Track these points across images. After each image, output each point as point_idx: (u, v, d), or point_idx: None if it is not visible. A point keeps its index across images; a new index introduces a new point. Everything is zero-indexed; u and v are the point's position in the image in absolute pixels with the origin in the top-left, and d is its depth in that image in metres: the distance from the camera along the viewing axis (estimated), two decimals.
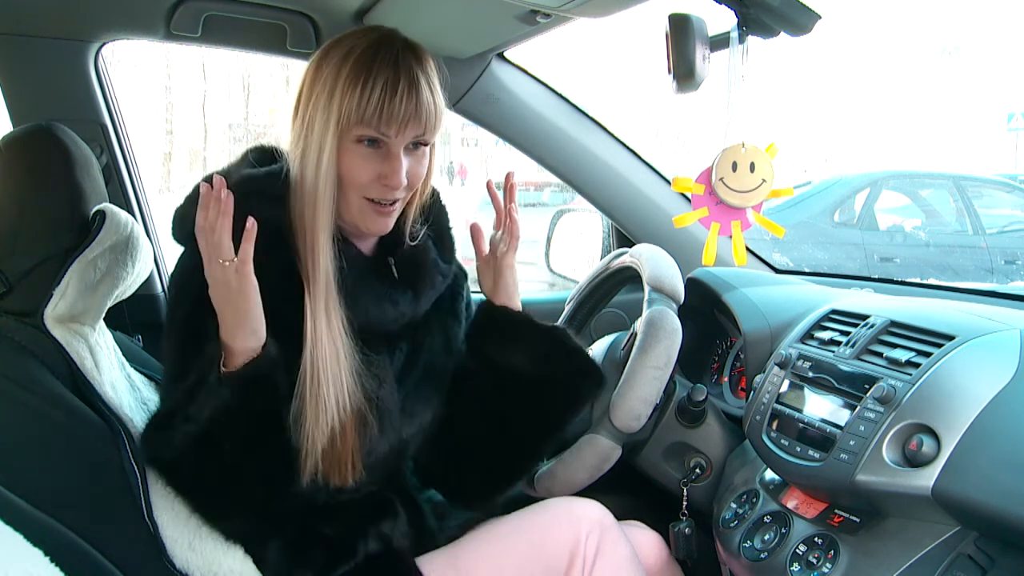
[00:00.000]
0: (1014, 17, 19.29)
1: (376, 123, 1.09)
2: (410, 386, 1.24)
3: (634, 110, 16.21)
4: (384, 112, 1.09)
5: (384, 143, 1.11)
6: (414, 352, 1.25)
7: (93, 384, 1.15)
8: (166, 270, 1.88)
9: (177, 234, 1.18)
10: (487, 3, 1.36)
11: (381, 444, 1.19)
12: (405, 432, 1.23)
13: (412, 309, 1.21)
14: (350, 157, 1.11)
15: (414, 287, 1.21)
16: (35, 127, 1.21)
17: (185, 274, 1.15)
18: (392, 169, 1.11)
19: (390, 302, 1.18)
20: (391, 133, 1.10)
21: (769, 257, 1.82)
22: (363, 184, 1.12)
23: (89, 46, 1.64)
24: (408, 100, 1.09)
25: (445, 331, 1.30)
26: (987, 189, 6.10)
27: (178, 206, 1.18)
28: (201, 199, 1.04)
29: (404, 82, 1.09)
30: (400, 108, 1.09)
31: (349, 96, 1.09)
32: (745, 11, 0.95)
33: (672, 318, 1.24)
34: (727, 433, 1.33)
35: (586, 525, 1.20)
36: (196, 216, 1.05)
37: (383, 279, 1.19)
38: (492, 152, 17.00)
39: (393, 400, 1.21)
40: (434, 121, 1.13)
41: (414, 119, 1.10)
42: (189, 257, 1.15)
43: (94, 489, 1.10)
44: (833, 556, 1.01)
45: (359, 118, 1.09)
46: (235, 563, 1.10)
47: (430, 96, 1.12)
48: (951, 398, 0.96)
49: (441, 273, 1.26)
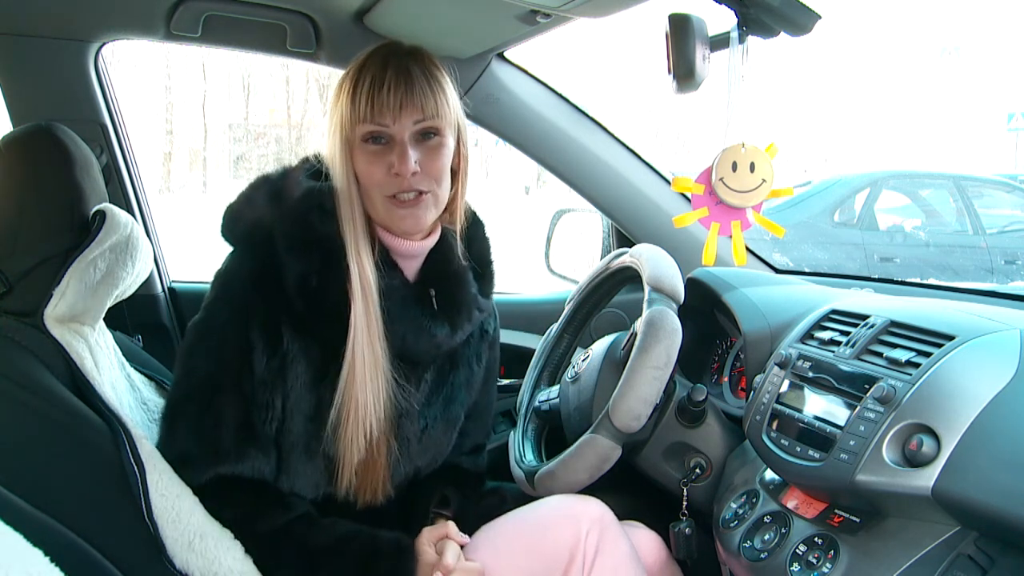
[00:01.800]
0: (1014, 17, 19.29)
1: (370, 115, 1.11)
2: (430, 417, 1.26)
3: (634, 110, 16.21)
4: (374, 103, 1.10)
5: (388, 136, 1.12)
6: (438, 384, 1.27)
7: (93, 384, 1.15)
8: (166, 270, 1.88)
9: (227, 232, 1.19)
10: (487, 3, 1.36)
11: (399, 471, 1.24)
12: (420, 462, 1.27)
13: (447, 341, 1.23)
14: (361, 157, 1.13)
15: (451, 320, 1.22)
16: (35, 127, 1.21)
17: (231, 278, 1.16)
18: (398, 155, 1.11)
19: (428, 332, 1.19)
20: (387, 122, 1.11)
21: (769, 257, 1.82)
22: (380, 182, 1.13)
23: (89, 46, 1.64)
24: (396, 88, 1.11)
25: (469, 367, 1.32)
26: (987, 189, 6.10)
27: (231, 203, 1.20)
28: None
29: (392, 73, 1.11)
30: (389, 96, 1.10)
31: (345, 99, 1.13)
32: (745, 11, 0.95)
33: (672, 318, 1.24)
34: (727, 433, 1.33)
35: (586, 523, 1.20)
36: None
37: (424, 309, 1.20)
38: (492, 152, 17.00)
39: (414, 431, 1.24)
40: (434, 107, 1.13)
41: (408, 104, 1.11)
42: (238, 262, 1.17)
43: (94, 489, 1.10)
44: (833, 556, 1.01)
45: (356, 116, 1.12)
46: (235, 563, 1.10)
47: (425, 83, 1.12)
48: (951, 398, 0.96)
49: (479, 308, 1.27)
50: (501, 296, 2.00)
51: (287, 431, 1.16)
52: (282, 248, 1.13)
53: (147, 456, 1.11)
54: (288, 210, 1.15)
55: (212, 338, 1.14)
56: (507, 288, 2.07)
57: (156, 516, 1.08)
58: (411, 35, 1.56)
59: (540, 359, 1.59)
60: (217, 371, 1.13)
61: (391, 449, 1.19)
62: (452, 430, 1.31)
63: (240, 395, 1.12)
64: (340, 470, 1.16)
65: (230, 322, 1.13)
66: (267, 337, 1.13)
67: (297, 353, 1.14)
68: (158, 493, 1.09)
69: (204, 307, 1.17)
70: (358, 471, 1.17)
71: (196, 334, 1.16)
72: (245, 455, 1.13)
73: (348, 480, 1.17)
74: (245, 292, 1.13)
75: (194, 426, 1.13)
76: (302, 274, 1.12)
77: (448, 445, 1.32)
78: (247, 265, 1.15)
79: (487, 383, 1.39)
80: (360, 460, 1.16)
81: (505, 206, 10.87)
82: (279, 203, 1.15)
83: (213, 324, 1.15)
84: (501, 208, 12.33)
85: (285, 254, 1.13)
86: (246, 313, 1.12)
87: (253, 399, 1.13)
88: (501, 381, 1.89)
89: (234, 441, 1.12)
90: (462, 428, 1.35)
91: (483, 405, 1.39)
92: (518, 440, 1.45)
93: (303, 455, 1.17)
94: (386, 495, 1.21)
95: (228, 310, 1.13)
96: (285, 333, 1.13)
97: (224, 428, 1.12)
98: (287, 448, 1.16)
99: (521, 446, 1.43)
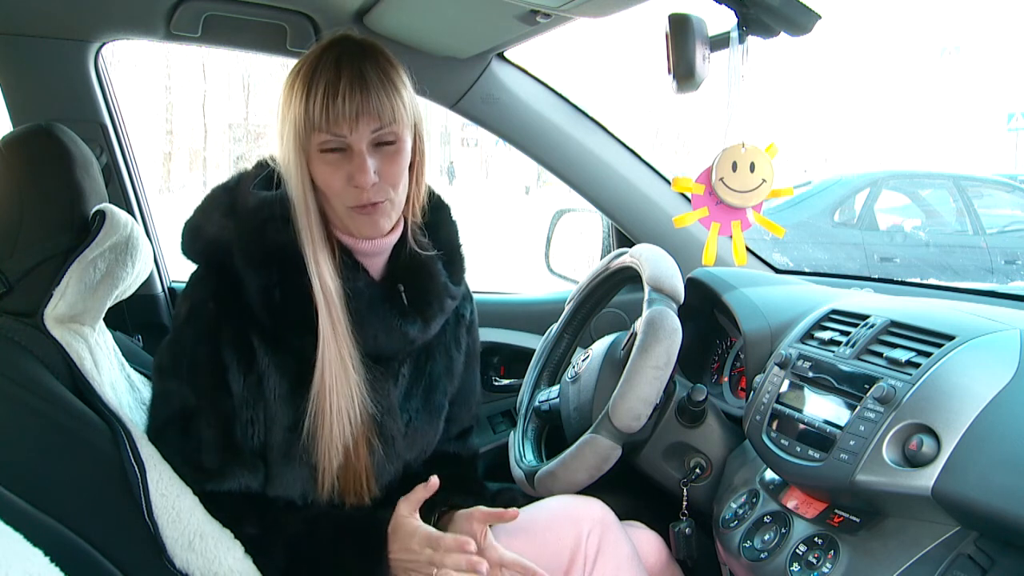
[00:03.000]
0: (1014, 17, 19.28)
1: (326, 125, 1.07)
2: (412, 411, 1.25)
3: (634, 110, 16.21)
4: (330, 112, 1.07)
5: (345, 145, 1.09)
6: (416, 377, 1.26)
7: (93, 384, 1.15)
8: (166, 270, 1.88)
9: (187, 249, 1.17)
10: (487, 3, 1.36)
11: (387, 470, 1.23)
12: (408, 456, 1.26)
13: (421, 336, 1.21)
14: (319, 167, 1.10)
15: (423, 314, 1.20)
16: (35, 127, 1.21)
17: (196, 299, 1.14)
18: (356, 167, 1.08)
19: (399, 331, 1.18)
20: (344, 131, 1.08)
21: (769, 257, 1.82)
22: (339, 192, 1.11)
23: (89, 46, 1.64)
24: (352, 96, 1.07)
25: (447, 355, 1.31)
26: (987, 189, 6.10)
27: (188, 219, 1.18)
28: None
29: (346, 80, 1.07)
30: (345, 105, 1.07)
31: (297, 105, 1.09)
32: (745, 11, 0.95)
33: (672, 318, 1.24)
34: (727, 433, 1.33)
35: (587, 524, 1.20)
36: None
37: (393, 306, 1.18)
38: (492, 152, 17.01)
39: (397, 428, 1.23)
40: (391, 113, 1.09)
41: (364, 113, 1.07)
42: (201, 282, 1.15)
43: (94, 489, 1.10)
44: (833, 556, 1.01)
45: (312, 125, 1.08)
46: (235, 563, 1.10)
47: (381, 89, 1.09)
48: (951, 398, 0.96)
49: (450, 296, 1.25)
50: (501, 296, 2.00)
51: (269, 443, 1.15)
52: (240, 263, 1.11)
53: (147, 456, 1.11)
54: (243, 223, 1.12)
55: (183, 361, 1.13)
56: (507, 288, 2.07)
57: (156, 516, 1.08)
58: (411, 35, 1.57)
59: (540, 359, 1.59)
60: (192, 395, 1.12)
61: (374, 450, 1.18)
62: (437, 420, 1.30)
63: (218, 416, 1.12)
64: (322, 477, 1.15)
65: (200, 345, 1.11)
66: (239, 355, 1.11)
67: (271, 367, 1.13)
68: (158, 493, 1.09)
69: (173, 327, 1.17)
70: (339, 476, 1.16)
71: (169, 355, 1.15)
72: (230, 474, 1.13)
73: (330, 485, 1.16)
74: (211, 312, 1.11)
75: (177, 450, 1.13)
76: (264, 287, 1.10)
77: (435, 435, 1.31)
78: (211, 284, 1.13)
79: (469, 367, 1.37)
80: (339, 465, 1.15)
81: (505, 206, 10.89)
82: (234, 216, 1.13)
83: (184, 347, 1.13)
84: (501, 208, 12.34)
85: (244, 269, 1.11)
86: (216, 334, 1.10)
87: (234, 417, 1.12)
88: (501, 381, 1.89)
89: (217, 462, 1.12)
90: (448, 415, 1.33)
91: (467, 390, 1.37)
92: (518, 440, 1.45)
93: (286, 465, 1.16)
94: (372, 496, 1.20)
95: (197, 332, 1.12)
96: (258, 348, 1.12)
97: (206, 451, 1.12)
98: (271, 459, 1.16)
99: (521, 446, 1.43)
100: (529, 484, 1.32)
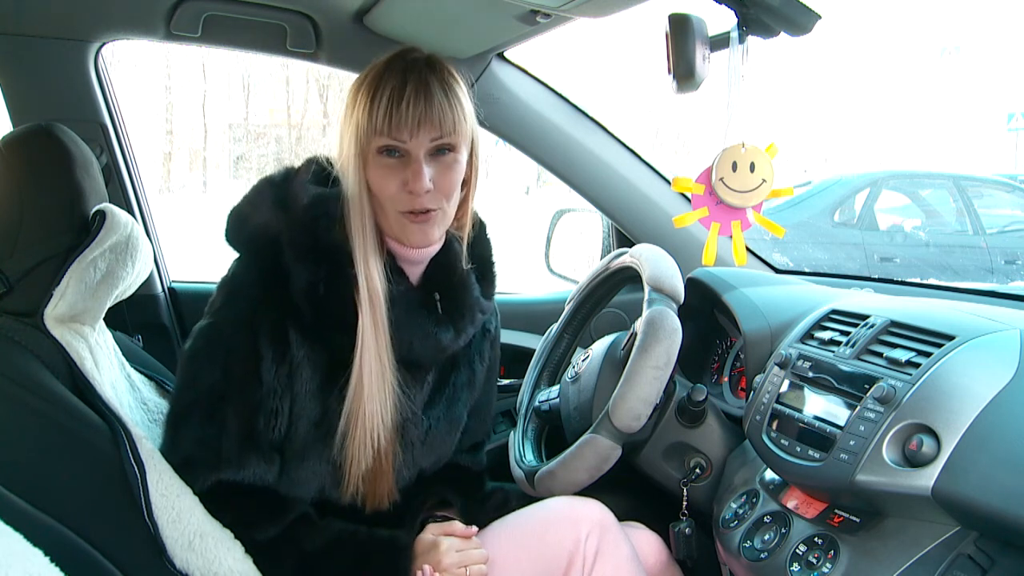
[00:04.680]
0: (1014, 17, 19.27)
1: (388, 130, 1.10)
2: (433, 419, 1.26)
3: (634, 110, 16.20)
4: (393, 118, 1.09)
5: (404, 151, 1.11)
6: (439, 386, 1.27)
7: (93, 384, 1.15)
8: (166, 270, 1.88)
9: (232, 237, 1.18)
10: (487, 3, 1.36)
11: (403, 476, 1.24)
12: (424, 463, 1.27)
13: (452, 345, 1.23)
14: (375, 170, 1.12)
15: (456, 324, 1.22)
16: (35, 127, 1.21)
17: (238, 286, 1.15)
18: (412, 173, 1.10)
19: (433, 337, 1.19)
20: (404, 137, 1.10)
21: (769, 257, 1.82)
22: (392, 196, 1.12)
23: (89, 46, 1.64)
24: (416, 104, 1.09)
25: (471, 367, 1.32)
26: (987, 189, 6.10)
27: (235, 207, 1.19)
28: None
29: (411, 87, 1.10)
30: (408, 112, 1.09)
31: (362, 109, 1.11)
32: (745, 11, 0.95)
33: (672, 318, 1.24)
34: (727, 433, 1.33)
35: (586, 525, 1.20)
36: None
37: (429, 314, 1.20)
38: (492, 152, 17.00)
39: (418, 434, 1.24)
40: (452, 124, 1.12)
41: (426, 121, 1.10)
42: (244, 269, 1.16)
43: (94, 489, 1.10)
44: (833, 556, 1.01)
45: (373, 129, 1.10)
46: (235, 563, 1.10)
47: (444, 99, 1.11)
48: (951, 398, 0.96)
49: (481, 309, 1.27)
50: (501, 296, 2.00)
51: (292, 436, 1.15)
52: (290, 257, 1.12)
53: (147, 456, 1.11)
54: (295, 217, 1.14)
55: (219, 347, 1.13)
56: (507, 288, 2.07)
57: (156, 516, 1.08)
58: (411, 35, 1.56)
59: (540, 359, 1.59)
60: (223, 381, 1.12)
61: (396, 455, 1.19)
62: (455, 430, 1.32)
63: (245, 404, 1.12)
64: (347, 478, 1.16)
65: (238, 333, 1.12)
66: (276, 345, 1.12)
67: (304, 359, 1.14)
68: (158, 493, 1.09)
69: (211, 313, 1.16)
70: (365, 479, 1.17)
71: (203, 340, 1.15)
72: (247, 463, 1.13)
73: (354, 487, 1.17)
74: (253, 301, 1.12)
75: (198, 434, 1.13)
76: (310, 283, 1.12)
77: (452, 445, 1.32)
78: (254, 273, 1.14)
79: (489, 381, 1.39)
80: (368, 468, 1.16)
81: (505, 206, 10.86)
82: (285, 209, 1.14)
83: (220, 333, 1.14)
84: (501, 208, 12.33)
85: (293, 263, 1.12)
86: (255, 323, 1.11)
87: (260, 407, 1.12)
88: (501, 381, 1.89)
89: (237, 450, 1.12)
90: (463, 427, 1.35)
91: (484, 403, 1.39)
92: (518, 440, 1.45)
93: (307, 460, 1.16)
94: (392, 500, 1.21)
95: (236, 320, 1.13)
96: (293, 339, 1.13)
97: (227, 437, 1.12)
98: (290, 453, 1.16)
99: (521, 446, 1.43)
100: (529, 484, 1.32)
